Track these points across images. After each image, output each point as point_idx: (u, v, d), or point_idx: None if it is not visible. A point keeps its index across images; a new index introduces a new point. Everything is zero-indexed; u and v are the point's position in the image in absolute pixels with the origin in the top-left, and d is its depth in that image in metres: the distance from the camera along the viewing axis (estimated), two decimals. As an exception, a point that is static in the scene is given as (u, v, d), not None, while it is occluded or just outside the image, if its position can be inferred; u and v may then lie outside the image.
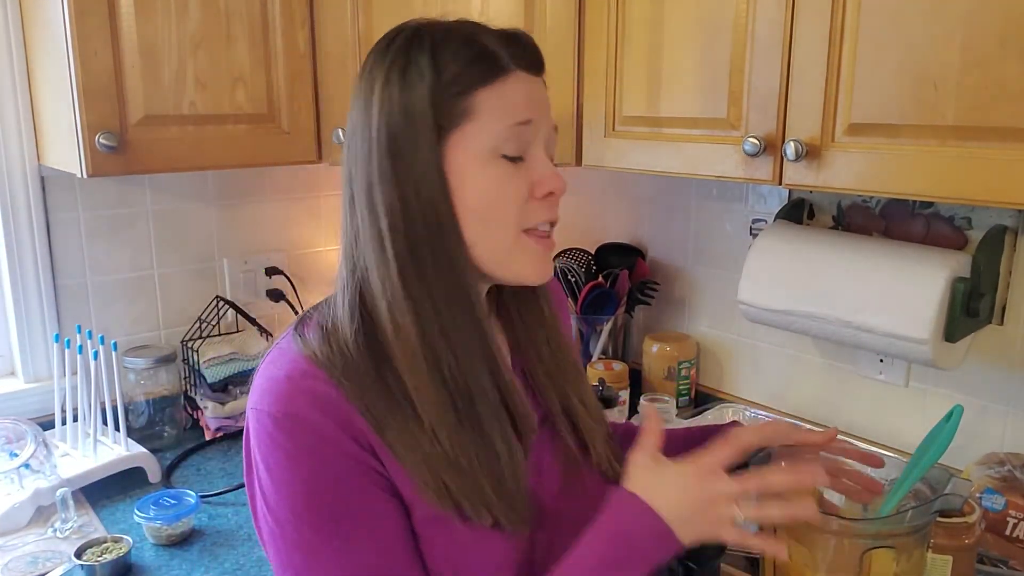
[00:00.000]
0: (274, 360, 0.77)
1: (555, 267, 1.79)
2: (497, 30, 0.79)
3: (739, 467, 0.93)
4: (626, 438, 1.08)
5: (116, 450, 1.49)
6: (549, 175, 0.79)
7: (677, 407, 1.62)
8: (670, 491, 0.73)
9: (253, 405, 0.75)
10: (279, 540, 0.74)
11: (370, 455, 0.73)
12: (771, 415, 1.58)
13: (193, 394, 1.72)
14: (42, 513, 1.36)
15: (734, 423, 1.04)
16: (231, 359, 1.69)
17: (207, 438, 1.67)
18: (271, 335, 1.79)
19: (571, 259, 1.86)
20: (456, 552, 0.76)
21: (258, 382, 0.77)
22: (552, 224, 0.82)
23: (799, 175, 1.09)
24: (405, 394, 0.75)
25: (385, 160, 0.75)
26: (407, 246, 0.75)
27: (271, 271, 1.84)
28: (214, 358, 1.67)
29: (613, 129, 1.35)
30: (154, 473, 1.50)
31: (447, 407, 0.75)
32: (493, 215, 0.76)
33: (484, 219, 0.76)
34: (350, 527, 0.73)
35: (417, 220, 0.75)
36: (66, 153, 1.33)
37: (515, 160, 0.77)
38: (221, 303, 1.75)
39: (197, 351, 1.68)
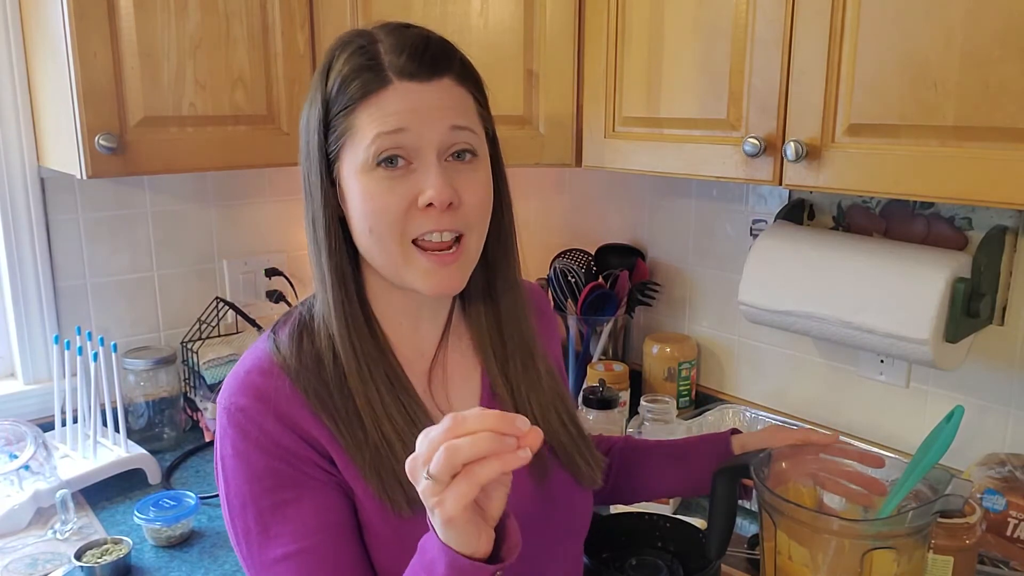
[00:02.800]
0: (244, 357, 0.83)
1: (554, 268, 1.80)
2: (403, 35, 0.79)
3: (739, 468, 0.94)
4: (625, 453, 1.08)
5: (116, 451, 1.49)
6: (428, 184, 0.75)
7: (677, 408, 1.61)
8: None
9: (218, 400, 0.81)
10: (236, 527, 0.79)
11: (314, 450, 0.78)
12: (771, 416, 1.58)
13: (193, 395, 1.71)
14: (42, 515, 1.36)
15: (732, 431, 1.04)
16: (231, 360, 1.68)
17: (207, 439, 1.66)
18: (271, 336, 1.79)
19: (571, 260, 1.86)
20: (397, 544, 0.77)
21: (225, 380, 0.82)
22: (451, 233, 0.78)
23: (799, 176, 1.09)
24: (351, 387, 0.79)
25: (305, 167, 0.81)
26: (318, 251, 0.81)
27: (271, 272, 1.83)
28: (214, 359, 1.67)
29: (613, 130, 1.35)
30: (154, 475, 1.50)
31: (377, 411, 0.79)
32: (375, 226, 0.77)
33: (370, 231, 0.78)
34: (293, 513, 0.76)
35: (320, 229, 0.80)
36: (66, 154, 1.33)
37: (393, 168, 0.76)
38: (221, 304, 1.74)
39: (197, 352, 1.68)
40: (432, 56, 0.77)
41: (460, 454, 0.60)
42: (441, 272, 0.78)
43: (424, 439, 0.63)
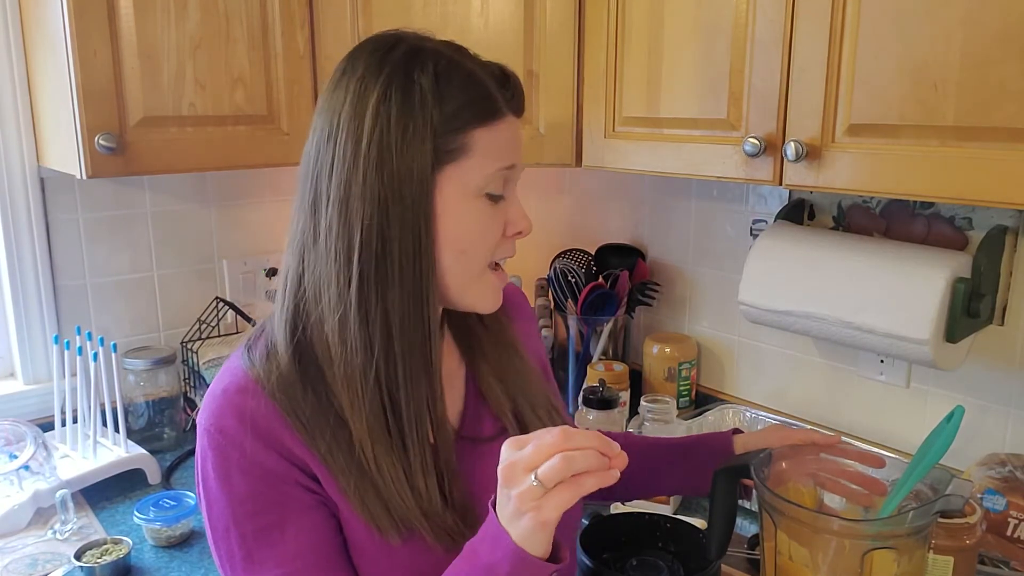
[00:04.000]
0: (220, 375, 0.80)
1: (554, 268, 1.80)
2: (491, 67, 0.81)
3: (739, 467, 0.94)
4: (625, 450, 1.08)
5: (116, 452, 1.49)
6: (520, 216, 0.82)
7: (677, 408, 1.61)
8: (503, 511, 0.70)
9: (198, 420, 0.79)
10: (219, 550, 0.77)
11: (297, 469, 0.76)
12: (772, 416, 1.58)
13: (193, 395, 1.71)
14: (42, 515, 1.36)
15: (735, 431, 1.04)
16: (231, 360, 1.69)
17: (207, 439, 1.66)
18: (271, 336, 1.79)
19: (571, 260, 1.85)
20: (386, 561, 0.77)
21: (205, 397, 0.80)
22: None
23: (799, 175, 1.09)
24: (338, 409, 0.77)
25: (372, 175, 0.73)
26: (375, 265, 0.74)
27: (271, 272, 1.84)
28: (214, 359, 1.67)
29: (613, 130, 1.35)
30: (154, 475, 1.50)
31: (380, 425, 0.77)
32: (471, 249, 0.79)
33: (461, 252, 0.78)
34: (277, 537, 0.75)
35: (394, 241, 0.74)
36: (65, 154, 1.33)
37: (497, 200, 0.80)
38: (221, 304, 1.74)
39: (197, 352, 1.68)
40: (522, 96, 0.82)
41: (574, 464, 0.65)
42: (499, 289, 0.84)
43: (533, 446, 0.67)
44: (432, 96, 0.74)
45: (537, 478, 0.65)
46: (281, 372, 0.77)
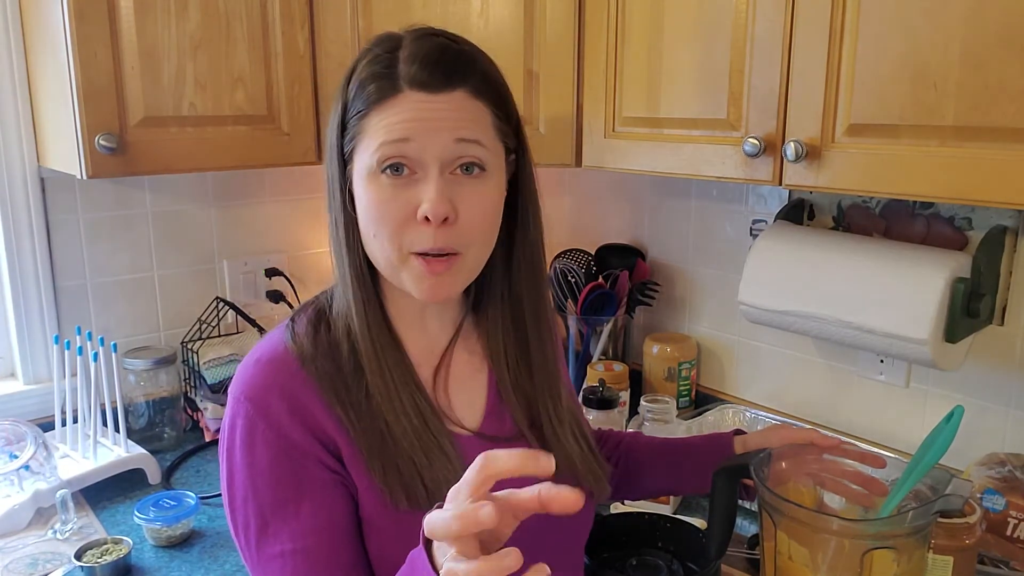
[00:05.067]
0: (259, 345, 0.83)
1: (554, 268, 1.80)
2: (424, 43, 0.78)
3: (739, 467, 0.94)
4: (631, 449, 1.08)
5: (116, 451, 1.49)
6: (427, 197, 0.75)
7: (677, 408, 1.61)
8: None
9: (230, 388, 0.81)
10: (236, 517, 0.79)
11: (321, 446, 0.78)
12: (772, 416, 1.58)
13: (193, 395, 1.71)
14: (42, 515, 1.36)
15: (737, 431, 1.04)
16: (231, 360, 1.68)
17: (207, 439, 1.66)
18: (271, 336, 1.79)
19: (571, 260, 1.86)
20: (401, 541, 0.76)
21: (239, 366, 0.82)
22: (446, 251, 0.77)
23: (799, 176, 1.09)
24: (367, 385, 0.80)
25: (325, 176, 0.82)
26: (338, 255, 0.83)
27: (271, 272, 1.83)
28: (214, 359, 1.67)
29: (613, 130, 1.35)
30: (154, 474, 1.50)
31: (395, 406, 0.79)
32: (377, 231, 0.78)
33: (373, 235, 0.79)
34: (293, 511, 0.76)
35: (340, 233, 0.82)
36: (66, 155, 1.33)
37: (397, 175, 0.76)
38: (221, 304, 1.74)
39: (197, 352, 1.68)
40: (446, 67, 0.77)
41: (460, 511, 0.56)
42: (430, 280, 0.78)
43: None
44: (353, 84, 0.79)
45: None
46: (324, 346, 0.81)
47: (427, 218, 0.75)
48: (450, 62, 0.77)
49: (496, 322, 0.89)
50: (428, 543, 0.61)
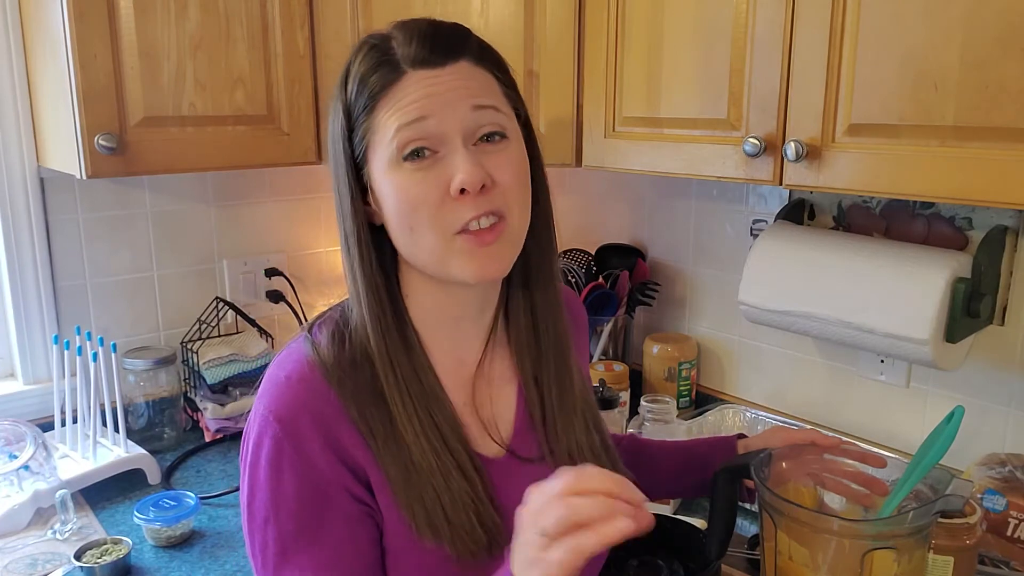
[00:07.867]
0: (281, 360, 0.79)
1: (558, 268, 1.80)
2: (412, 26, 0.77)
3: (739, 467, 0.94)
4: (634, 452, 1.07)
5: (116, 452, 1.49)
6: (460, 169, 0.72)
7: (677, 408, 1.61)
8: (516, 556, 0.67)
9: (256, 402, 0.77)
10: (253, 537, 0.76)
11: (349, 474, 0.74)
12: (771, 416, 1.58)
13: (193, 395, 1.71)
14: (42, 515, 1.36)
15: (739, 435, 1.04)
16: (231, 360, 1.68)
17: (207, 440, 1.66)
18: (271, 336, 1.79)
19: (571, 260, 1.86)
20: (422, 572, 0.76)
21: (263, 381, 0.78)
22: (493, 216, 0.75)
23: (799, 176, 1.09)
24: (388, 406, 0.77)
25: (334, 191, 0.80)
26: (350, 270, 0.79)
27: (271, 272, 1.83)
28: (214, 359, 1.67)
29: (613, 130, 1.35)
30: (154, 475, 1.50)
31: (415, 427, 0.76)
32: (415, 223, 0.74)
33: (410, 229, 0.75)
34: (315, 541, 0.74)
35: (352, 246, 0.78)
36: (66, 155, 1.33)
37: (420, 159, 0.74)
38: (221, 304, 1.74)
39: (197, 352, 1.68)
40: (444, 40, 0.76)
41: (578, 513, 0.61)
42: (481, 253, 0.74)
43: (541, 492, 0.64)
44: (352, 84, 0.76)
45: (540, 528, 0.62)
46: (348, 362, 0.77)
47: (462, 190, 0.72)
48: (446, 35, 0.77)
49: (518, 312, 0.86)
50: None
